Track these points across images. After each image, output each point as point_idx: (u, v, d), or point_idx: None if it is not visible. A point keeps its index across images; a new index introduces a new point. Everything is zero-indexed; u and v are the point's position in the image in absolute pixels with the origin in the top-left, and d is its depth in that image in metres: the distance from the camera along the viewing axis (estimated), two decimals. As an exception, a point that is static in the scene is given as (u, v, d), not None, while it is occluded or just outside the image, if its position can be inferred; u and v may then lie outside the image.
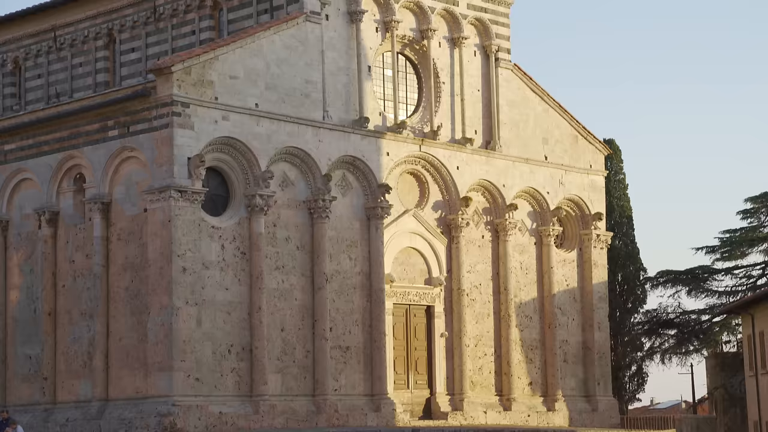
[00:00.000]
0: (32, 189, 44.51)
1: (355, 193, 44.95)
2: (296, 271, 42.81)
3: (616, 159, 61.16)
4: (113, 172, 41.78)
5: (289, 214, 42.87)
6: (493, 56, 49.54)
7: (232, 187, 41.76)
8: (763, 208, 61.26)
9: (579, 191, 52.16)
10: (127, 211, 41.42)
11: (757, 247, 60.58)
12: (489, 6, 49.66)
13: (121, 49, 49.55)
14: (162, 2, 48.00)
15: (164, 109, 39.93)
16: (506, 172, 49.59)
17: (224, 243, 41.00)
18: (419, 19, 47.57)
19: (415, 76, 47.92)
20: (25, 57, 52.78)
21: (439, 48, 48.21)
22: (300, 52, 43.42)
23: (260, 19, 44.88)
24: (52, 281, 43.33)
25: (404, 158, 46.51)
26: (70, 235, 43.14)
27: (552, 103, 51.63)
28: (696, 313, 61.76)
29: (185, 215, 39.83)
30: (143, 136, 40.55)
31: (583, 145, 52.70)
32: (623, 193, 61.85)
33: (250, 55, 41.89)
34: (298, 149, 42.97)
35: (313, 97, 43.59)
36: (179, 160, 39.75)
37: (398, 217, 46.21)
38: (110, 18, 49.79)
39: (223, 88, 41.04)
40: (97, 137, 42.09)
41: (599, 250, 52.42)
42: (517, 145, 50.20)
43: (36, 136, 44.31)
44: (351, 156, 44.57)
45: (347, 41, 45.10)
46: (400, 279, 46.28)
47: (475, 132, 48.82)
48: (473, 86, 49.02)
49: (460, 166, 48.03)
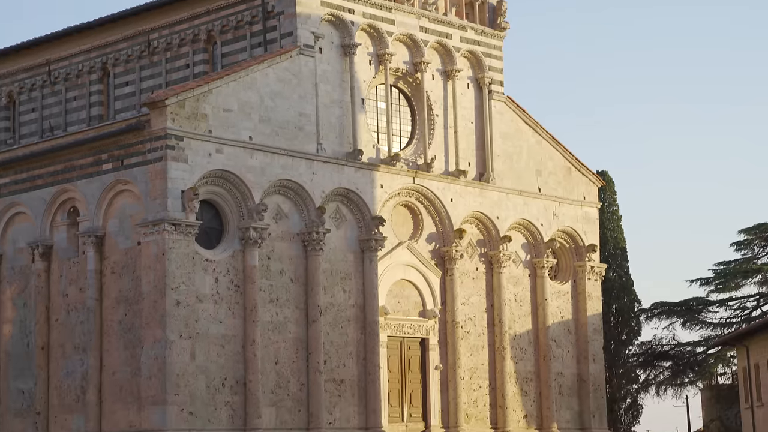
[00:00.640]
0: (26, 223, 44.46)
1: (349, 225, 44.96)
2: (290, 303, 42.74)
3: (609, 191, 61.28)
4: (107, 205, 41.77)
5: (283, 246, 42.84)
6: (486, 89, 49.73)
7: (225, 219, 41.75)
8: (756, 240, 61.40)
9: (573, 223, 52.21)
10: (120, 244, 41.37)
11: (752, 279, 60.65)
12: (482, 39, 49.91)
13: (116, 83, 49.69)
14: (156, 36, 48.20)
15: (158, 142, 39.98)
16: (500, 204, 49.65)
17: (218, 276, 40.94)
18: (412, 52, 47.77)
19: (409, 108, 48.08)
20: (19, 91, 52.90)
21: (433, 80, 48.39)
22: (294, 85, 43.56)
23: (254, 52, 45.06)
24: (46, 315, 43.20)
25: (398, 190, 46.57)
26: (64, 268, 43.06)
27: (545, 135, 51.78)
28: (691, 344, 61.71)
29: (179, 248, 39.79)
30: (137, 170, 40.58)
31: (577, 177, 52.81)
32: (617, 224, 61.93)
33: (243, 88, 42.00)
34: (291, 182, 43.01)
35: (306, 130, 43.69)
36: (173, 193, 39.76)
37: (392, 249, 46.20)
38: (104, 52, 49.97)
39: (217, 121, 41.12)
40: (91, 170, 42.11)
41: (593, 282, 52.41)
42: (511, 177, 50.30)
43: (30, 170, 44.33)
44: (345, 188, 44.62)
45: (341, 74, 45.26)
46: (395, 311, 46.21)
47: (468, 164, 48.92)
48: (466, 118, 49.17)
49: (454, 198, 48.09)
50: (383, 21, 46.63)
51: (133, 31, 48.88)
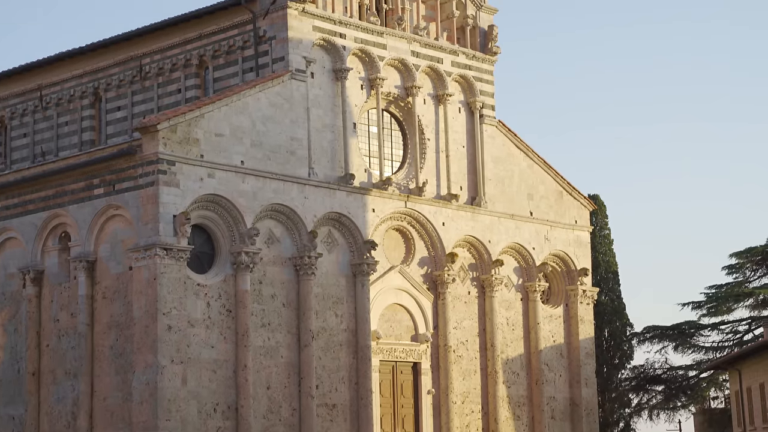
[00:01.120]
0: (17, 248, 44.35)
1: (340, 249, 44.94)
2: (282, 328, 42.64)
3: (601, 214, 61.38)
4: (98, 230, 41.69)
5: (274, 271, 42.78)
6: (478, 113, 49.86)
7: (217, 244, 41.70)
8: (748, 264, 61.46)
9: (564, 247, 52.24)
10: (112, 269, 41.27)
11: (743, 303, 60.68)
12: (473, 63, 50.06)
13: (107, 108, 49.70)
14: (148, 61, 48.26)
15: (150, 167, 39.96)
16: (492, 228, 49.68)
17: (210, 300, 40.85)
18: (404, 77, 47.88)
19: (401, 132, 48.16)
20: (11, 116, 52.89)
21: (424, 105, 48.49)
22: (285, 110, 43.61)
23: (246, 77, 45.12)
24: (37, 341, 43.02)
25: (390, 214, 46.58)
26: (55, 294, 42.93)
27: (537, 159, 51.88)
28: (683, 368, 61.68)
29: (171, 273, 39.70)
30: (129, 194, 40.53)
31: (568, 201, 52.88)
32: (609, 248, 61.98)
33: (235, 113, 42.05)
34: (283, 206, 42.99)
35: (298, 154, 43.71)
36: (165, 217, 39.70)
37: (384, 273, 46.17)
38: (96, 77, 50.00)
39: (209, 146, 41.13)
40: (83, 195, 42.05)
41: (585, 306, 52.41)
42: (503, 201, 50.35)
43: (21, 195, 44.25)
44: (337, 213, 44.61)
45: (332, 98, 45.34)
46: (387, 336, 46.13)
47: (460, 188, 48.97)
48: (458, 143, 49.26)
49: (446, 222, 48.10)
50: (375, 46, 46.76)
51: (125, 56, 48.94)
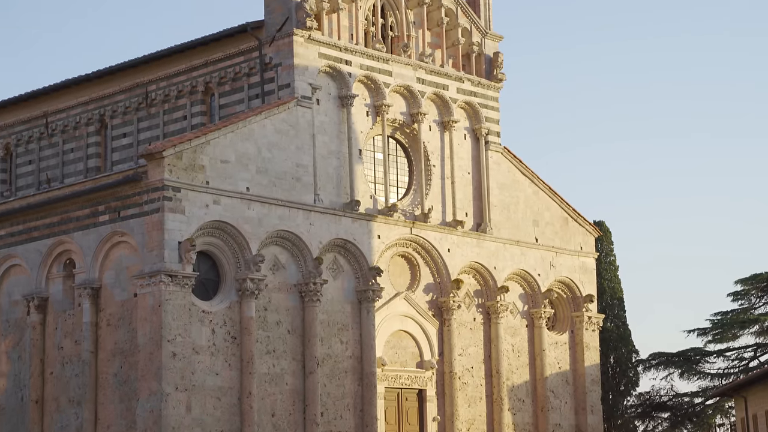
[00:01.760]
0: (21, 275, 44.30)
1: (346, 276, 44.85)
2: (287, 355, 42.50)
3: (606, 241, 61.33)
4: (103, 257, 41.63)
5: (280, 297, 42.69)
6: (483, 139, 49.88)
7: (222, 271, 41.62)
8: (753, 290, 61.41)
9: (570, 273, 52.15)
10: (116, 296, 41.19)
11: (749, 329, 60.58)
12: (478, 90, 50.12)
13: (113, 135, 49.75)
14: (154, 88, 48.34)
15: (155, 193, 39.94)
16: (497, 254, 49.60)
17: (215, 327, 40.74)
18: (409, 103, 47.94)
19: (406, 159, 48.17)
20: (16, 143, 52.95)
21: (430, 131, 48.52)
22: (291, 136, 43.63)
23: (252, 104, 45.17)
24: (40, 368, 42.90)
25: (395, 241, 46.51)
26: (59, 321, 42.83)
27: (542, 185, 51.87)
28: (689, 395, 61.51)
29: (175, 300, 39.62)
30: (134, 221, 40.49)
31: (574, 227, 52.82)
32: (614, 274, 61.91)
33: (241, 140, 42.06)
34: (289, 233, 42.94)
35: (304, 181, 43.70)
36: (170, 244, 39.65)
37: (389, 299, 46.06)
38: (102, 104, 50.08)
39: (215, 173, 41.12)
40: (88, 222, 42.02)
41: (591, 332, 52.25)
42: (508, 227, 50.29)
43: (26, 222, 44.23)
44: (342, 239, 44.56)
45: (338, 125, 45.37)
46: (392, 362, 45.96)
47: (465, 214, 48.92)
48: (463, 169, 49.25)
49: (451, 248, 48.03)
50: (380, 72, 46.83)
51: (131, 83, 49.04)
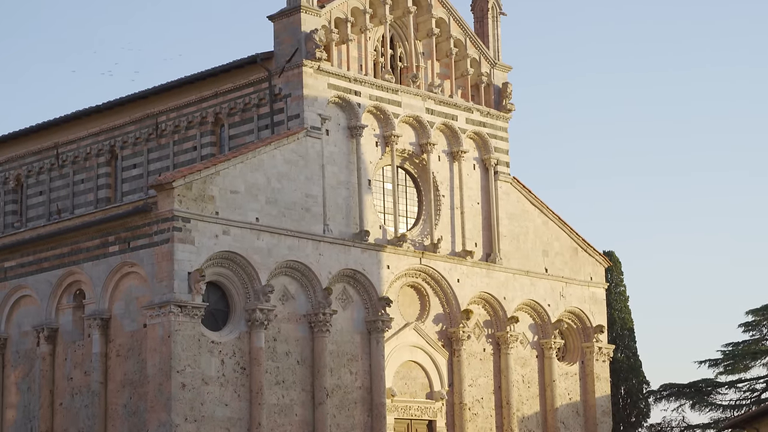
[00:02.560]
0: (31, 306, 44.33)
1: (355, 306, 44.80)
2: (296, 386, 42.39)
3: (616, 271, 61.19)
4: (113, 287, 41.66)
5: (289, 328, 42.63)
6: (492, 169, 49.91)
7: (232, 301, 41.60)
8: (764, 321, 61.09)
9: (580, 303, 52.02)
10: (126, 326, 41.18)
11: (761, 360, 60.24)
12: (488, 120, 50.20)
13: (123, 165, 49.90)
14: (164, 119, 48.52)
15: (165, 224, 40.00)
16: (507, 284, 49.52)
17: (224, 358, 40.67)
18: (419, 134, 48.02)
19: (415, 189, 48.20)
20: (27, 174, 53.13)
21: (439, 161, 48.57)
22: (301, 167, 43.71)
23: (261, 134, 45.30)
24: (50, 399, 42.85)
25: (405, 271, 46.47)
26: (69, 351, 42.81)
27: (551, 215, 51.84)
28: (701, 427, 61.09)
29: (185, 330, 39.59)
30: (144, 252, 40.53)
31: (583, 258, 52.73)
32: (624, 305, 61.71)
33: (251, 170, 42.15)
34: (298, 263, 42.94)
35: (313, 211, 43.74)
36: (179, 275, 39.67)
37: (399, 330, 45.97)
38: (112, 135, 50.27)
39: (224, 203, 41.19)
40: (98, 253, 42.07)
41: (601, 363, 52.04)
42: (518, 257, 50.23)
43: (36, 253, 44.31)
44: (351, 269, 44.53)
45: (347, 155, 45.46)
46: (402, 393, 45.81)
47: (475, 245, 48.88)
48: (473, 199, 49.26)
49: (461, 278, 47.97)
50: (390, 103, 46.95)
51: (141, 114, 49.24)
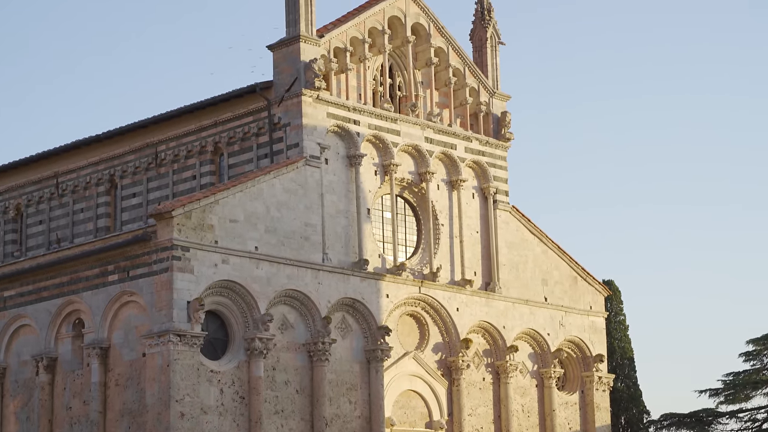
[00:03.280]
0: (31, 335, 44.30)
1: (354, 335, 44.76)
2: (296, 415, 42.29)
3: (616, 300, 61.17)
4: (112, 316, 41.64)
5: (288, 357, 42.58)
6: (492, 198, 49.98)
7: (231, 330, 41.57)
8: (765, 350, 60.91)
9: (579, 333, 51.95)
10: (125, 356, 41.13)
11: (761, 390, 60.04)
12: (486, 149, 50.32)
13: (122, 195, 49.98)
14: (164, 148, 48.64)
15: (164, 253, 40.03)
16: (506, 313, 49.47)
17: (223, 387, 40.59)
18: (418, 163, 48.13)
19: (414, 218, 48.26)
20: (27, 203, 53.21)
21: (438, 190, 48.66)
22: (300, 196, 43.79)
23: (261, 163, 45.41)
24: (49, 429, 42.72)
25: (404, 300, 46.45)
26: (68, 381, 42.74)
27: (551, 244, 51.85)
28: (702, 457, 60.81)
29: (184, 359, 39.54)
30: (143, 281, 40.54)
31: (583, 287, 52.71)
32: (624, 334, 61.64)
33: (250, 199, 42.22)
34: (297, 292, 42.93)
35: (312, 240, 43.78)
36: (178, 304, 39.67)
37: (398, 359, 45.90)
38: (112, 164, 50.38)
39: (223, 232, 41.24)
40: (97, 282, 42.08)
41: (601, 393, 51.91)
42: (517, 286, 50.21)
43: (36, 282, 44.31)
44: (350, 298, 44.52)
45: (346, 184, 45.54)
46: (401, 422, 45.68)
47: (474, 273, 48.88)
48: (472, 228, 49.30)
49: (460, 307, 47.94)
50: (388, 132, 47.09)
51: (141, 144, 49.37)
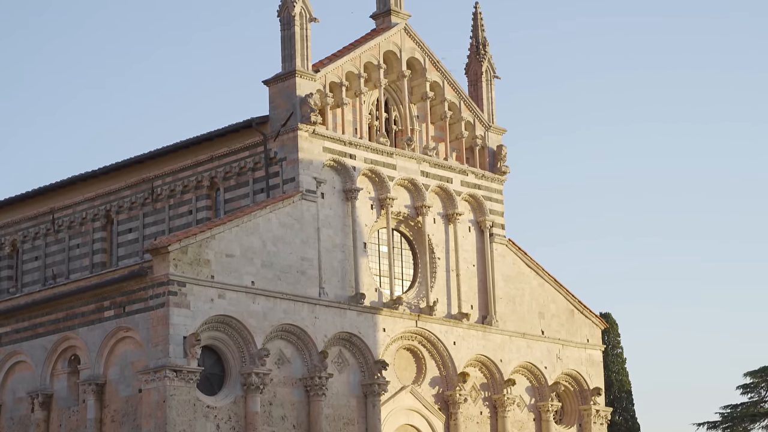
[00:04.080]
0: (26, 371, 44.13)
1: (351, 369, 44.64)
2: (293, 450, 42.13)
3: (613, 333, 61.16)
4: (108, 352, 41.52)
5: (285, 392, 42.44)
6: (488, 232, 50.01)
7: (227, 365, 41.44)
8: (763, 383, 60.90)
9: (577, 366, 51.84)
10: (121, 392, 40.98)
11: (759, 423, 59.95)
12: (482, 183, 50.40)
13: (119, 230, 49.97)
14: (160, 183, 48.68)
15: (160, 288, 39.97)
16: (503, 347, 49.38)
17: (219, 423, 40.43)
18: (414, 196, 48.18)
19: (411, 251, 48.25)
20: (23, 240, 53.17)
21: (434, 224, 48.69)
22: (296, 230, 43.80)
23: (257, 198, 45.44)
24: (45, 465, 42.55)
25: (401, 334, 46.37)
26: (63, 417, 42.54)
27: (547, 277, 51.84)
28: (701, 490, 60.62)
29: (180, 395, 39.39)
30: (139, 316, 40.46)
31: (580, 320, 52.65)
32: (621, 367, 61.58)
33: (246, 234, 42.22)
34: (294, 326, 42.85)
35: (309, 274, 43.74)
36: (175, 339, 39.56)
37: (395, 393, 45.75)
38: (108, 200, 50.39)
39: (220, 267, 41.20)
40: (93, 318, 41.98)
41: (599, 426, 51.73)
42: (514, 319, 50.15)
43: (31, 318, 44.19)
44: (347, 332, 44.43)
45: (343, 218, 45.57)
46: (399, 457, 45.51)
47: (471, 307, 48.83)
48: (468, 261, 49.29)
49: (457, 341, 47.85)
50: (384, 166, 47.17)
51: (137, 179, 49.41)
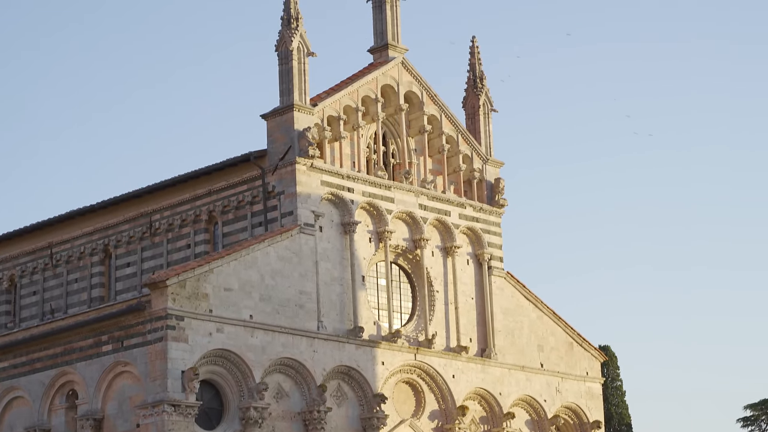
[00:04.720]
0: (24, 407, 43.96)
1: (350, 403, 44.50)
2: (292, 485, 41.92)
3: (612, 365, 61.07)
4: (106, 387, 41.39)
5: (283, 426, 42.28)
6: (486, 264, 49.99)
7: (226, 399, 41.32)
8: (763, 416, 60.85)
9: (576, 399, 51.69)
10: (119, 426, 40.81)
11: (760, 456, 59.81)
12: (480, 216, 50.45)
13: (117, 264, 49.94)
14: (158, 217, 48.71)
15: (158, 322, 39.91)
16: (502, 380, 49.27)
17: (218, 457, 40.29)
18: (412, 229, 48.21)
19: (409, 284, 48.22)
20: (21, 274, 53.12)
21: (432, 257, 48.68)
22: (294, 264, 43.78)
23: (255, 231, 45.46)
24: (42, 502, 42.30)
25: (399, 367, 46.26)
26: (61, 453, 42.40)
27: (546, 310, 51.78)
28: None
29: (179, 430, 39.23)
30: (137, 350, 40.36)
31: (579, 352, 52.55)
32: (621, 399, 61.45)
33: (244, 267, 42.20)
34: (292, 360, 42.76)
35: (307, 308, 43.70)
36: (173, 373, 39.45)
37: (394, 427, 45.59)
38: (106, 234, 50.41)
39: (218, 300, 41.16)
40: (91, 352, 41.87)
41: (600, 459, 51.55)
42: (513, 352, 50.05)
43: (29, 353, 44.06)
44: (346, 366, 44.34)
45: (341, 252, 45.57)
46: (398, 492, 45.27)
47: (470, 340, 48.75)
48: (467, 294, 49.26)
49: (456, 374, 47.73)
50: (382, 199, 47.23)
51: (135, 213, 49.44)
